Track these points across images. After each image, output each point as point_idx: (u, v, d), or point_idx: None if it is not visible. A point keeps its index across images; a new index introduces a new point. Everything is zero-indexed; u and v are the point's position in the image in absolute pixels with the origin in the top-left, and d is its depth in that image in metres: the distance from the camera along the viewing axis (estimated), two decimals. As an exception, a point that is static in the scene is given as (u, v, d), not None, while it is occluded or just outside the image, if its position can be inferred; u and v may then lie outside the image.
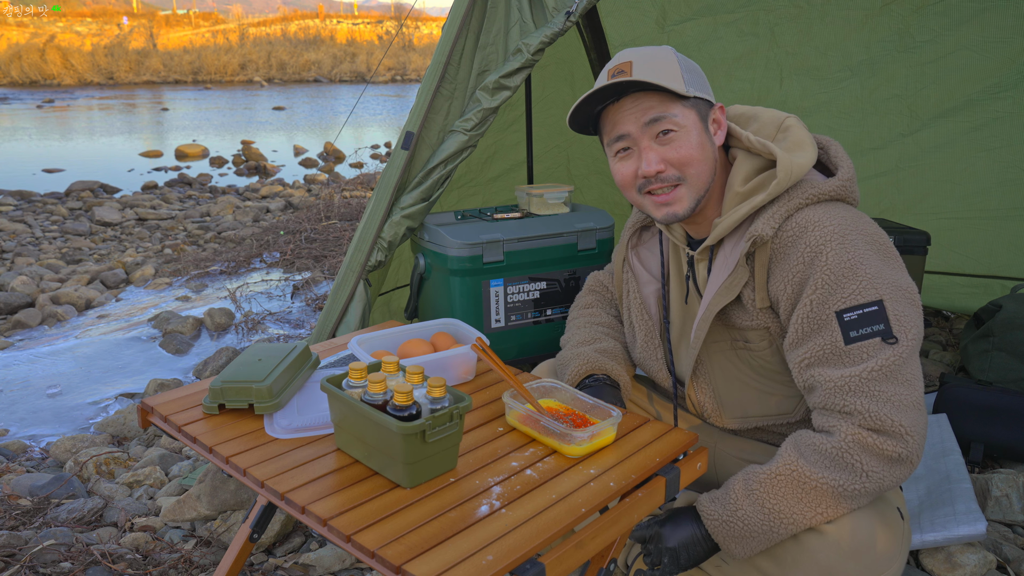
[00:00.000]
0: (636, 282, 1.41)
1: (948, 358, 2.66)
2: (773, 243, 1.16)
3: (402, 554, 0.85)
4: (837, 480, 1.06)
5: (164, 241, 5.68)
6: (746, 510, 1.10)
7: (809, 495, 1.08)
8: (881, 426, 1.05)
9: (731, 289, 1.21)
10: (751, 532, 1.10)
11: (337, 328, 2.05)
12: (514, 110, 2.88)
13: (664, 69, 1.18)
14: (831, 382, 1.09)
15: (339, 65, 23.96)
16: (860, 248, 1.12)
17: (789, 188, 1.17)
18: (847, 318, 1.09)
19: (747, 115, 1.30)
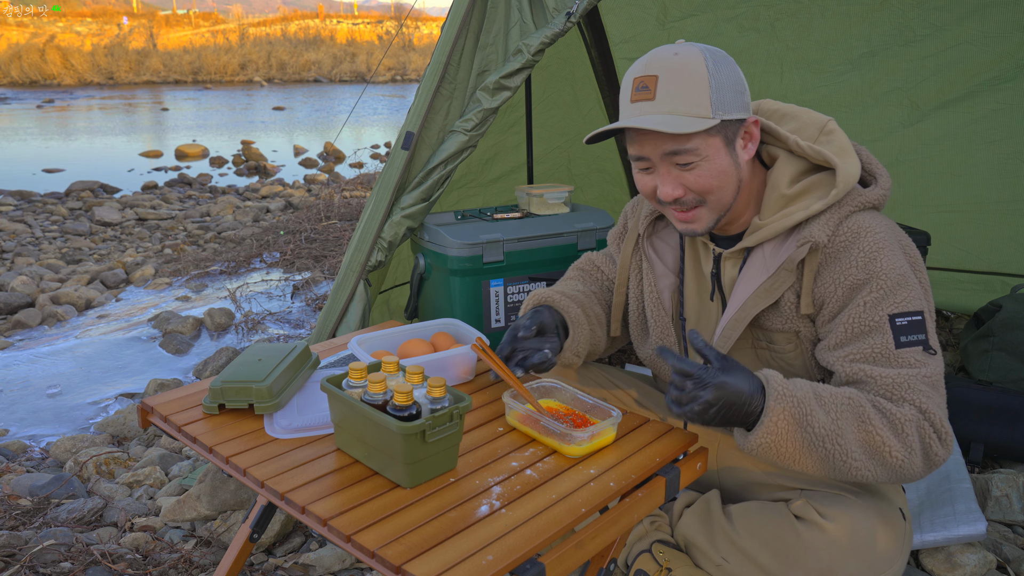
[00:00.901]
0: (653, 274, 1.38)
1: (948, 358, 2.66)
2: (825, 248, 1.17)
3: (402, 554, 0.85)
4: (890, 441, 1.06)
5: (164, 241, 5.68)
6: (813, 404, 1.06)
7: (862, 435, 1.06)
8: (938, 427, 1.08)
9: (772, 292, 1.20)
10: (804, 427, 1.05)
11: (337, 328, 2.05)
12: (515, 111, 2.88)
13: (690, 92, 1.12)
14: (887, 378, 1.10)
15: (339, 65, 23.96)
16: (904, 259, 1.17)
17: None
18: (899, 323, 1.12)
19: (783, 112, 1.27)
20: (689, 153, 1.14)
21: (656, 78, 1.14)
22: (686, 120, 1.12)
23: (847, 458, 1.06)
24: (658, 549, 1.28)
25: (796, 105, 1.28)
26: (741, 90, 1.17)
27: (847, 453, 1.06)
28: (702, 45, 1.18)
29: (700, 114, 1.12)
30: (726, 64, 1.17)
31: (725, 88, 1.14)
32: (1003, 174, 2.68)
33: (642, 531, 1.33)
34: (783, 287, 1.19)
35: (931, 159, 2.77)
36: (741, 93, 1.17)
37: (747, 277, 1.23)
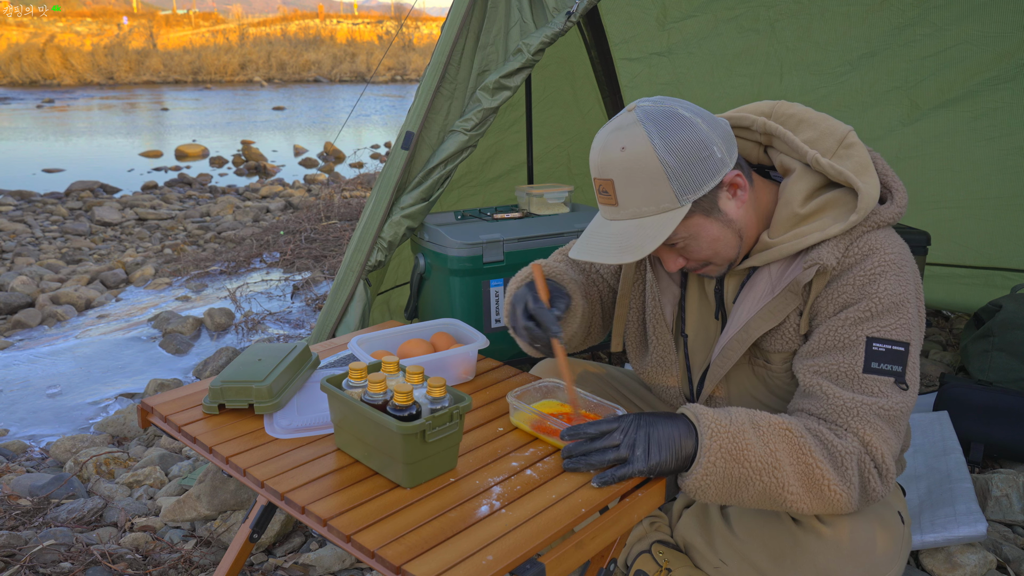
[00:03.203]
0: (657, 287, 1.33)
1: (948, 358, 2.66)
2: (833, 269, 1.11)
3: (402, 554, 0.85)
4: (829, 475, 1.03)
5: (164, 241, 5.68)
6: (750, 435, 1.03)
7: (800, 467, 1.03)
8: (880, 462, 1.06)
9: (776, 314, 1.15)
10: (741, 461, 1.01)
11: (337, 328, 2.05)
12: (515, 111, 2.88)
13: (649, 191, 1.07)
14: (839, 399, 1.07)
15: (339, 65, 23.95)
16: (909, 285, 1.10)
17: None
18: (876, 347, 1.07)
19: (800, 118, 1.18)
20: (673, 237, 1.11)
21: (612, 182, 1.09)
22: (652, 222, 1.07)
23: (783, 491, 1.03)
24: (658, 549, 1.28)
25: (814, 110, 1.20)
26: (706, 155, 1.07)
27: (784, 486, 1.03)
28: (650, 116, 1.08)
29: (666, 207, 1.07)
30: (680, 133, 1.06)
31: (685, 168, 1.06)
32: (1003, 170, 2.68)
33: (641, 532, 1.33)
34: (787, 309, 1.14)
35: (931, 156, 2.78)
36: (707, 159, 1.07)
37: (751, 297, 1.18)
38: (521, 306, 1.24)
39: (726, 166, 1.09)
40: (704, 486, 1.03)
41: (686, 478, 1.04)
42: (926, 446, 1.88)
